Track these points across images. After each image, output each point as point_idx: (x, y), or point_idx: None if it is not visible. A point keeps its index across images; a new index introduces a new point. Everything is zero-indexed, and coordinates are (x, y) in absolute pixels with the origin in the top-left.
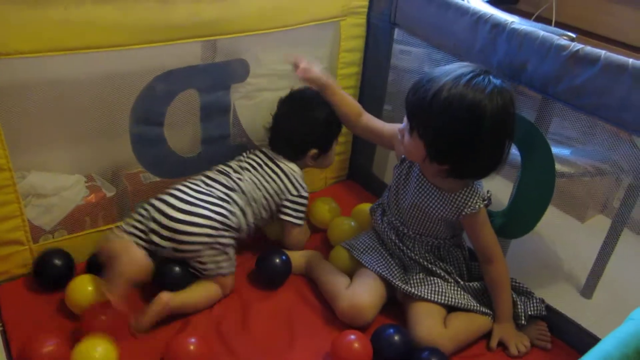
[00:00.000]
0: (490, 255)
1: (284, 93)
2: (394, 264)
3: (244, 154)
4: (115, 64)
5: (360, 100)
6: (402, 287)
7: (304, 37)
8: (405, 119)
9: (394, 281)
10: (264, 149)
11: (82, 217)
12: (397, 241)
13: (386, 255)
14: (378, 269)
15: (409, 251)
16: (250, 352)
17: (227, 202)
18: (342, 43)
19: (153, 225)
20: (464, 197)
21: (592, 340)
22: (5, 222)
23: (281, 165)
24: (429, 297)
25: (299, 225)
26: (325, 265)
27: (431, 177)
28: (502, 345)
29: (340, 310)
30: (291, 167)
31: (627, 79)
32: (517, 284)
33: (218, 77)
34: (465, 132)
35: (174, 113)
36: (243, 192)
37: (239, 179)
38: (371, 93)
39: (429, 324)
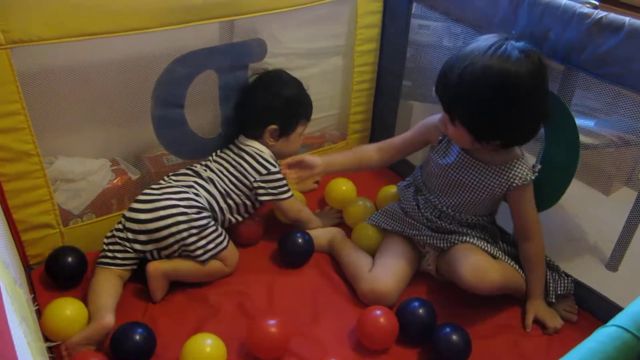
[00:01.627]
0: (531, 232)
1: (302, 72)
2: (425, 229)
3: (219, 149)
4: (135, 47)
5: (378, 77)
6: (435, 242)
7: (320, 15)
8: (442, 111)
9: (424, 238)
10: (235, 140)
11: (109, 200)
12: (433, 218)
13: (415, 224)
14: (408, 230)
15: (445, 224)
16: None
17: (190, 187)
18: (359, 19)
19: (130, 236)
20: (515, 169)
21: (618, 311)
22: (36, 205)
23: (244, 147)
24: (468, 240)
25: (285, 198)
26: (348, 244)
27: (479, 153)
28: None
29: (362, 293)
30: (255, 147)
31: None
32: (547, 260)
33: (236, 57)
34: (504, 106)
35: (194, 94)
36: (210, 181)
37: (205, 169)
38: (390, 69)
39: (476, 258)
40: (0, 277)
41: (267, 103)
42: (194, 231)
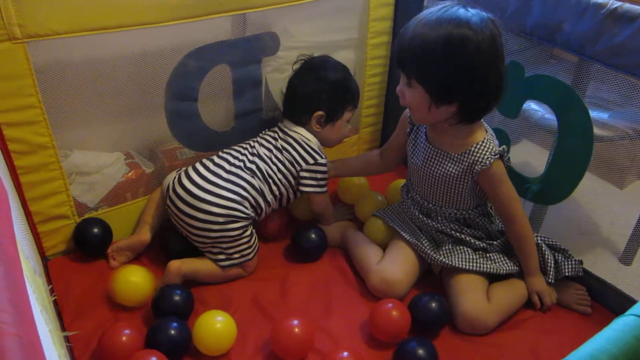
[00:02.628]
0: (511, 214)
1: None
2: (423, 236)
3: (264, 131)
4: (148, 42)
5: (391, 71)
6: (432, 255)
7: (333, 7)
8: (401, 76)
9: (423, 248)
10: (279, 123)
11: (124, 193)
12: (421, 216)
13: (414, 227)
14: (407, 236)
15: (434, 223)
16: None
17: (239, 184)
18: (372, 12)
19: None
20: (474, 154)
21: (632, 304)
22: (52, 197)
23: (292, 134)
24: (460, 265)
25: (322, 192)
26: (359, 237)
27: (439, 137)
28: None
29: (371, 284)
30: (303, 135)
31: None
32: (553, 243)
33: (249, 51)
34: (456, 61)
35: (207, 88)
36: (259, 170)
37: (255, 157)
38: None
39: (472, 298)
40: (23, 267)
41: (314, 88)
42: (225, 239)
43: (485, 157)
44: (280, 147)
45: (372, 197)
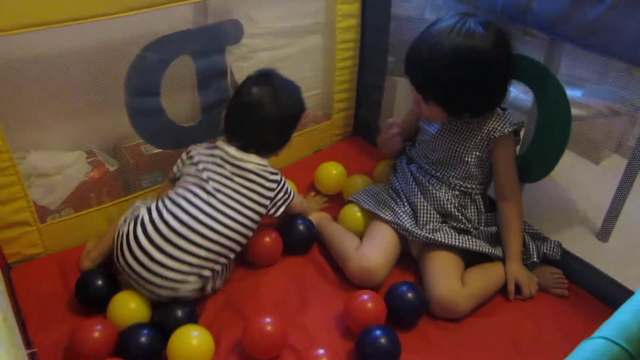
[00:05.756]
0: (510, 192)
1: (281, 52)
2: (403, 214)
3: (204, 159)
4: (103, 34)
5: (362, 54)
6: (414, 231)
7: None
8: (412, 89)
9: (404, 225)
10: (222, 148)
11: (87, 193)
12: (424, 181)
13: (394, 205)
14: (386, 216)
15: (435, 190)
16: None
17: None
18: None
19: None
20: (493, 122)
21: (609, 283)
22: (10, 204)
23: (245, 166)
24: (443, 240)
25: (294, 197)
26: (334, 227)
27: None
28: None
29: (350, 272)
30: (256, 162)
31: None
32: (533, 231)
33: (211, 40)
34: (474, 81)
35: (169, 81)
36: (225, 226)
37: (207, 203)
38: (373, 45)
39: (446, 283)
40: None
41: (291, 121)
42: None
43: (503, 125)
44: (241, 190)
45: (358, 182)
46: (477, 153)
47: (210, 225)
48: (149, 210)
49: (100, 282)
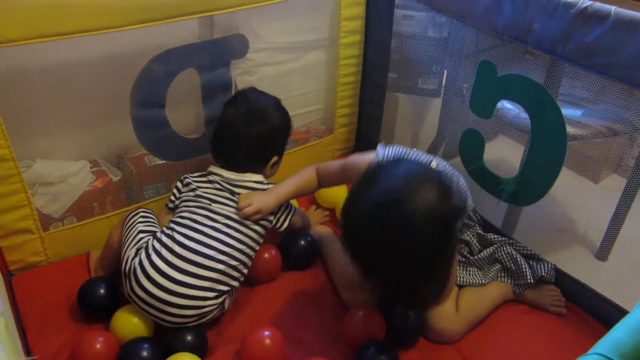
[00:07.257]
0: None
1: (285, 67)
2: None
3: (203, 192)
4: (110, 46)
5: (363, 70)
6: None
7: (302, 7)
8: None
9: None
10: (216, 173)
11: (90, 202)
12: None
13: None
14: None
15: None
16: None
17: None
18: (343, 11)
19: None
20: None
21: (606, 304)
22: (14, 211)
23: (243, 184)
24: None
25: (295, 211)
26: (335, 247)
27: None
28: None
29: (344, 299)
30: (253, 180)
31: None
32: (527, 251)
33: (217, 54)
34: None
35: (174, 94)
36: (236, 239)
37: (210, 237)
38: (375, 62)
39: (440, 309)
40: None
41: (267, 138)
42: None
43: None
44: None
45: None
46: None
47: (223, 240)
48: (157, 238)
49: (102, 291)
